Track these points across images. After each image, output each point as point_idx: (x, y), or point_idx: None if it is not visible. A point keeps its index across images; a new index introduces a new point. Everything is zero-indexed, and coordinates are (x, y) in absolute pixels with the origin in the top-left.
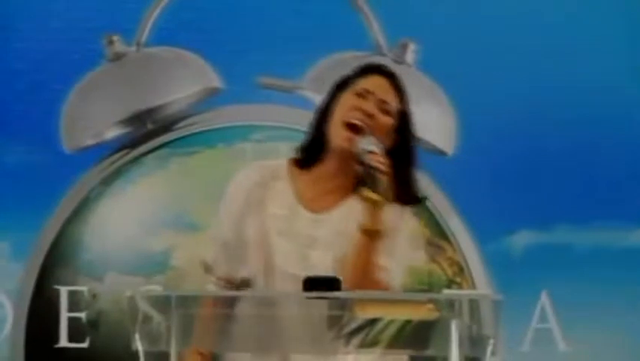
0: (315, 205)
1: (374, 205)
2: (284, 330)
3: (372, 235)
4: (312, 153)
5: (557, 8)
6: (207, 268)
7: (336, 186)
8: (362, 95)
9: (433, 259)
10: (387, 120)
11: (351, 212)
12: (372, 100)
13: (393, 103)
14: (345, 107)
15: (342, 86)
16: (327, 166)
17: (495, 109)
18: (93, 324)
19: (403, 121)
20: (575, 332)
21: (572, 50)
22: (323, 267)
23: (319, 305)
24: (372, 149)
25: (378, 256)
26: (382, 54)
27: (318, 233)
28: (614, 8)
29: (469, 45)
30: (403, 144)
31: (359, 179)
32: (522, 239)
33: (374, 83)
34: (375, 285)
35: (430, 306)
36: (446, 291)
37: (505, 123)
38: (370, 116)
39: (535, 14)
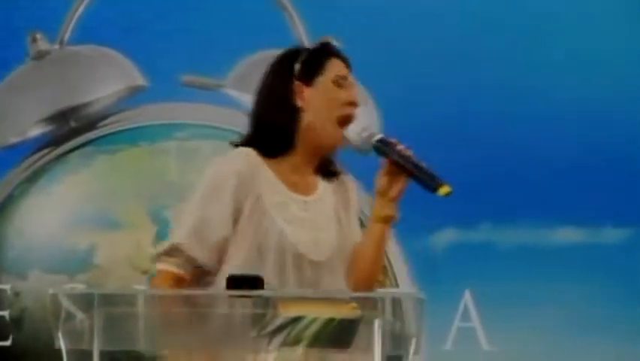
0: (301, 189)
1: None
2: (208, 328)
3: (393, 221)
4: (281, 145)
5: (482, 5)
6: (168, 250)
7: (311, 170)
8: (340, 83)
9: None
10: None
11: (327, 194)
12: (349, 84)
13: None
14: (334, 102)
15: (303, 72)
16: (300, 156)
17: (418, 107)
18: (16, 322)
19: None
20: (498, 331)
21: (493, 47)
22: (330, 247)
23: (243, 304)
24: (380, 137)
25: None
26: None
27: (314, 215)
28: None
29: (392, 43)
30: None
31: (322, 160)
32: (445, 237)
33: (342, 67)
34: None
35: (353, 304)
36: None
37: (428, 122)
38: (356, 105)
39: (459, 12)
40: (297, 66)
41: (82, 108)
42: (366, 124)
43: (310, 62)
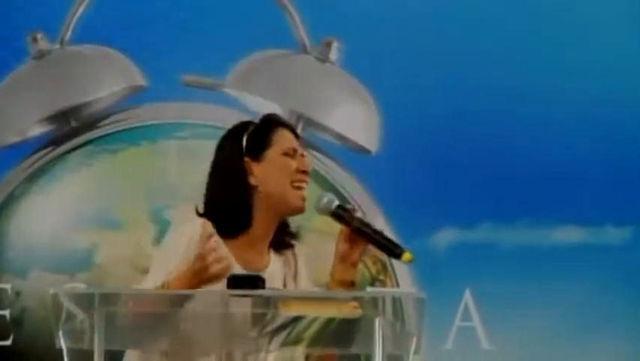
0: (254, 266)
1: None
2: (210, 328)
3: (353, 285)
4: (237, 225)
5: (480, 5)
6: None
7: (266, 245)
8: (291, 155)
9: None
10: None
11: (277, 268)
12: (299, 156)
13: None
14: (287, 171)
15: (250, 148)
16: (258, 230)
17: (419, 107)
18: (17, 322)
19: None
20: (498, 330)
21: (494, 47)
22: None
23: (244, 303)
24: (338, 204)
25: None
26: (306, 52)
27: None
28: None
29: (392, 43)
30: None
31: (276, 231)
32: (446, 237)
33: (290, 139)
34: None
35: (354, 304)
36: (370, 289)
37: (428, 122)
38: (308, 174)
39: (458, 11)
40: (245, 142)
41: (82, 108)
42: (324, 193)
43: (257, 136)
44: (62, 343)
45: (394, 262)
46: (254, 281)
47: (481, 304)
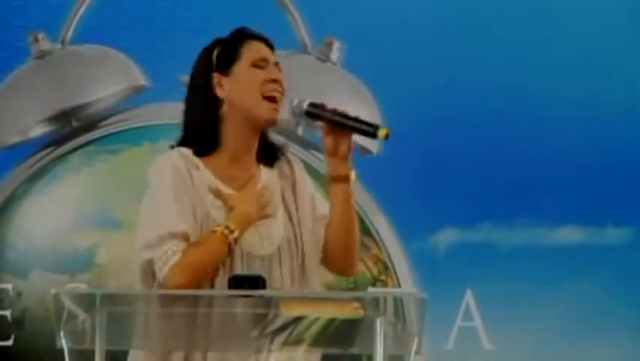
0: (239, 184)
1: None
2: (209, 328)
3: (349, 178)
4: (209, 139)
5: (481, 7)
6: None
7: (251, 159)
8: (260, 65)
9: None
10: (283, 78)
11: (271, 181)
12: (271, 66)
13: (277, 60)
14: (256, 83)
15: (219, 63)
16: (235, 145)
17: (419, 108)
18: (18, 322)
19: None
20: (500, 331)
21: (495, 48)
22: (277, 237)
23: (244, 304)
24: (309, 102)
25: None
26: (307, 52)
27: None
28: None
29: (393, 43)
30: None
31: (259, 145)
32: (446, 237)
33: (259, 49)
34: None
35: (355, 304)
36: (371, 289)
37: (429, 122)
38: (280, 82)
39: (459, 12)
40: (214, 58)
41: (83, 108)
42: (294, 97)
43: (225, 51)
44: (63, 343)
45: (395, 262)
46: (254, 281)
47: (482, 304)
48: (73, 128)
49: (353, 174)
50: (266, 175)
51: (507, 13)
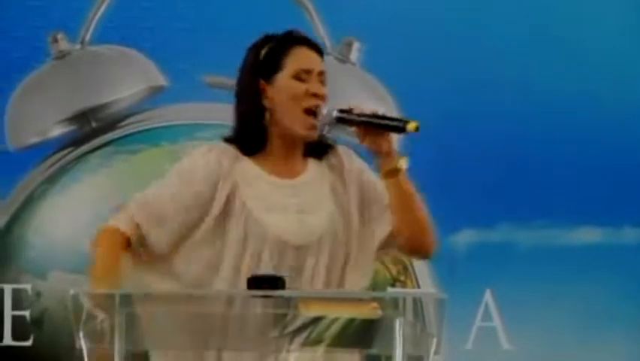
0: (286, 173)
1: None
2: (228, 328)
3: (400, 171)
4: (255, 142)
5: (497, 6)
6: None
7: (298, 153)
8: (302, 78)
9: (377, 258)
10: (325, 89)
11: (320, 173)
12: (314, 77)
13: (324, 68)
14: (296, 97)
15: (264, 69)
16: (278, 150)
17: (438, 108)
18: (37, 322)
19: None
20: (519, 330)
21: (512, 48)
22: (319, 229)
23: (264, 304)
24: (340, 109)
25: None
26: (326, 52)
27: (302, 199)
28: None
29: (412, 44)
30: None
31: (306, 145)
32: (465, 238)
33: (304, 59)
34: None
35: (374, 305)
36: (390, 290)
37: (448, 122)
38: (321, 97)
39: (475, 12)
40: (260, 60)
41: (102, 108)
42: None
43: (270, 57)
44: (83, 344)
45: (415, 263)
46: (273, 281)
47: (501, 305)
48: (92, 129)
49: (404, 163)
50: (313, 166)
51: (530, 13)
